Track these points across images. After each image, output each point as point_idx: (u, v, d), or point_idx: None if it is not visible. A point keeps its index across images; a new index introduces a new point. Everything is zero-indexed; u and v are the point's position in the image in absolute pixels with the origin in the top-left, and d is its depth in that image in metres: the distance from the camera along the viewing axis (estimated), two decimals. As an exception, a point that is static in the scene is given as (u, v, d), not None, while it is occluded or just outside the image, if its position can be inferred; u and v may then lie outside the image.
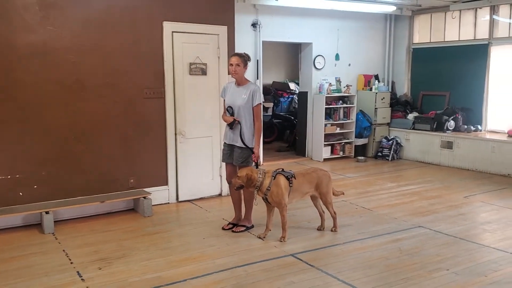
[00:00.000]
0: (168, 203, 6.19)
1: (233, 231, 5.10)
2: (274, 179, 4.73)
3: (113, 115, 5.72)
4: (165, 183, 6.16)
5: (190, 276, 3.96)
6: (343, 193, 5.41)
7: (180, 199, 6.28)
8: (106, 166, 5.72)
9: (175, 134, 6.15)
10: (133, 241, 4.84)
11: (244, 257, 4.39)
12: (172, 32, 6.00)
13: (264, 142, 9.23)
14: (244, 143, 4.91)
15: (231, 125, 4.95)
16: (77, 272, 4.04)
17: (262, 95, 5.05)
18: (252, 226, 5.19)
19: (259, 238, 4.89)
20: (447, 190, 6.97)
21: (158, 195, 6.01)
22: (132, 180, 5.89)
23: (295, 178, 4.82)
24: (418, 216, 5.67)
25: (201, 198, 6.41)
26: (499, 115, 8.62)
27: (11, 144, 5.14)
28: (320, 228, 5.18)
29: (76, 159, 5.52)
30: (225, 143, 5.13)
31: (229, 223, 5.23)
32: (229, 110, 4.99)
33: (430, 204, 6.19)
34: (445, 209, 5.96)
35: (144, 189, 5.91)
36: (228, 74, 5.15)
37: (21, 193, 5.21)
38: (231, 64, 4.92)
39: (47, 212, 5.04)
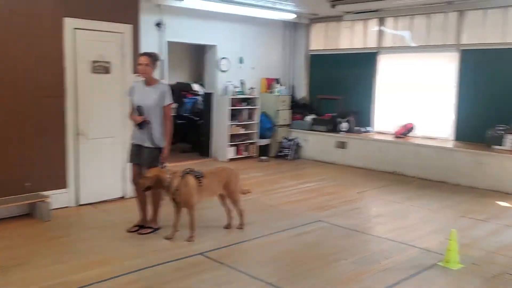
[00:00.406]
0: (68, 207, 5.89)
1: (139, 233, 5.03)
2: (183, 179, 4.76)
3: (9, 114, 5.33)
4: (64, 186, 5.87)
5: (98, 280, 3.85)
6: (250, 192, 5.60)
7: (81, 203, 6.02)
8: (-1, 169, 5.32)
9: (77, 134, 5.90)
10: (31, 247, 4.57)
11: (152, 258, 4.37)
12: (74, 28, 5.75)
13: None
14: (154, 143, 4.88)
15: (140, 125, 4.88)
16: (-30, 283, 3.74)
17: (171, 96, 5.05)
18: (159, 228, 5.15)
19: (167, 239, 4.87)
20: (342, 186, 7.50)
21: (57, 198, 5.70)
22: (28, 184, 5.52)
23: (204, 178, 4.89)
24: (318, 211, 6.05)
25: (103, 201, 6.19)
26: (386, 118, 9.44)
27: None
28: (227, 227, 5.31)
29: (-37, 161, 5.06)
30: (133, 143, 5.05)
31: (135, 226, 5.15)
32: (139, 110, 4.91)
33: (328, 200, 6.63)
34: (341, 204, 6.42)
35: (41, 192, 5.57)
36: (135, 73, 5.07)
37: None
38: (140, 64, 4.85)
39: None
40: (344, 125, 9.39)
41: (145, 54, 4.94)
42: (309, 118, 10.05)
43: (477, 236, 5.15)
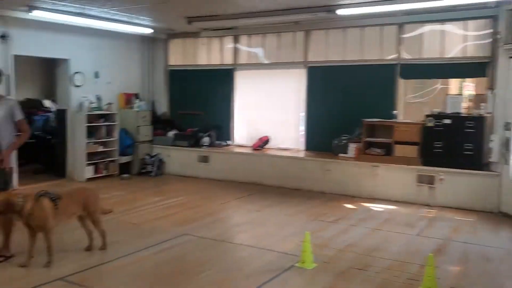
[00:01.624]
0: None
1: None
2: (37, 202, 4.49)
3: None
4: None
5: None
6: (112, 211, 5.47)
7: None
8: None
9: None
10: None
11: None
12: None
13: (18, 165, 8.42)
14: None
15: None
16: None
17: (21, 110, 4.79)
18: (12, 256, 4.77)
19: (22, 266, 4.53)
20: (206, 200, 7.70)
21: None
22: None
23: (60, 199, 4.67)
24: (183, 225, 6.15)
25: None
26: (244, 131, 9.93)
27: None
28: (89, 248, 5.11)
29: None
30: None
31: None
32: None
33: (192, 214, 6.76)
34: (205, 216, 6.61)
35: None
36: None
37: None
38: None
39: None
40: (205, 140, 9.65)
41: None
42: (171, 133, 10.11)
43: (328, 237, 5.72)
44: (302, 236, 4.85)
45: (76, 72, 9.08)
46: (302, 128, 9.19)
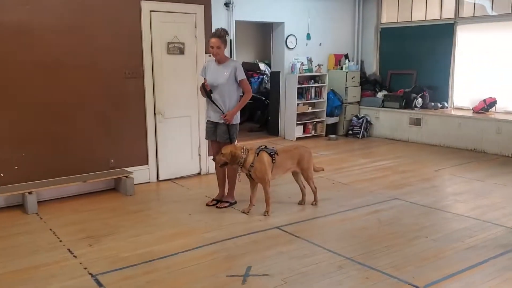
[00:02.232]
0: (149, 182, 6.20)
1: (217, 207, 5.19)
2: (257, 156, 4.83)
3: (93, 95, 5.65)
4: (146, 162, 6.16)
5: (181, 250, 4.03)
6: (323, 169, 5.58)
7: (160, 178, 6.30)
8: (87, 146, 5.66)
9: (154, 114, 6.14)
10: (118, 219, 4.85)
11: (231, 231, 4.50)
12: (150, 11, 5.94)
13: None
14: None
15: (208, 95, 4.98)
16: (68, 249, 4.04)
17: (243, 72, 5.08)
18: (235, 202, 5.29)
19: (243, 213, 5.00)
20: (418, 164, 7.27)
21: (139, 174, 6.00)
22: (112, 160, 5.85)
23: (277, 155, 4.93)
24: (393, 189, 5.92)
25: (181, 177, 6.44)
26: (464, 93, 8.98)
27: (-10, 124, 5.03)
28: (301, 203, 5.34)
29: (56, 139, 5.44)
30: (208, 120, 5.19)
31: (213, 200, 5.32)
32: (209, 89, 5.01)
33: (403, 178, 6.46)
34: (418, 182, 6.24)
35: (125, 168, 5.89)
36: (206, 53, 5.15)
37: (1, 174, 5.11)
38: (212, 47, 4.89)
39: (30, 193, 4.97)
40: (418, 101, 9.05)
41: (216, 35, 4.91)
42: (380, 94, 9.78)
43: None
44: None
45: (290, 35, 9.41)
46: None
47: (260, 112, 11.43)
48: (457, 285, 3.42)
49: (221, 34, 4.93)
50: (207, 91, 4.98)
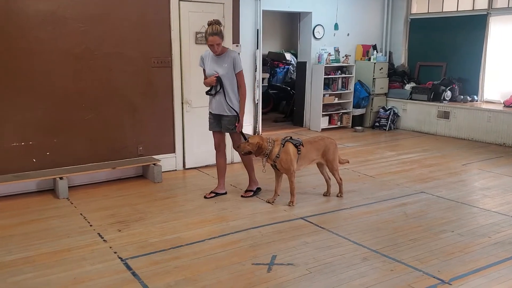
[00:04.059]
0: (176, 170, 6.30)
1: (242, 196, 5.23)
2: (283, 146, 4.86)
3: (122, 83, 5.75)
4: (173, 150, 6.26)
5: (208, 237, 4.11)
6: (348, 161, 5.57)
7: (187, 166, 6.39)
8: (115, 134, 5.79)
9: (182, 103, 6.21)
10: (146, 205, 4.96)
11: (256, 220, 4.56)
12: (179, 0, 5.99)
13: (262, 113, 9.33)
14: (231, 111, 4.95)
15: (214, 89, 4.93)
16: (98, 233, 4.17)
17: (241, 62, 4.97)
18: (260, 189, 5.32)
19: (268, 202, 5.04)
20: (445, 158, 7.17)
21: (166, 162, 6.11)
22: (140, 148, 5.97)
23: (303, 146, 4.95)
24: (420, 182, 5.87)
25: (206, 166, 6.52)
26: (495, 86, 8.78)
27: (24, 111, 5.19)
28: (326, 194, 5.35)
29: (86, 127, 5.57)
30: (210, 112, 5.11)
31: (212, 192, 5.25)
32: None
33: (430, 172, 6.39)
34: (445, 176, 6.16)
35: (152, 156, 6.01)
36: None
37: (34, 160, 5.28)
38: (212, 45, 4.75)
39: (61, 178, 5.13)
40: (447, 94, 8.89)
41: (213, 34, 4.69)
42: (408, 86, 9.64)
43: None
44: None
45: (317, 25, 9.35)
46: None
47: (285, 102, 11.44)
48: (483, 280, 3.39)
49: (218, 30, 4.72)
50: (211, 89, 4.94)
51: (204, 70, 5.07)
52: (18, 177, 5.07)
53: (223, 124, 5.05)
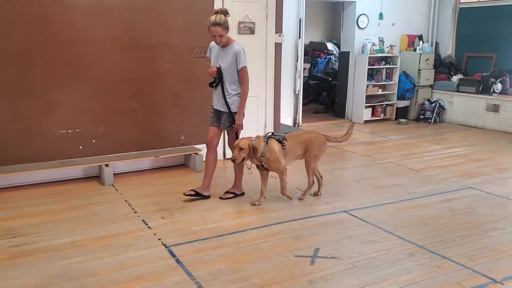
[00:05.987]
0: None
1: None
2: (266, 144, 4.55)
3: (165, 73, 5.81)
4: (214, 140, 6.27)
5: (250, 227, 4.11)
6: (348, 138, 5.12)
7: (226, 157, 6.40)
8: (158, 123, 5.86)
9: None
10: (188, 194, 5.00)
11: (297, 212, 4.52)
12: (222, -10, 5.98)
13: (302, 104, 9.24)
14: (229, 108, 4.66)
15: (216, 81, 4.70)
16: (142, 220, 4.24)
17: (246, 57, 4.63)
18: (243, 193, 4.99)
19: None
20: (494, 153, 6.89)
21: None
22: (183, 137, 6.03)
23: (286, 140, 4.65)
24: (467, 177, 5.66)
25: (247, 156, 6.50)
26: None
27: (71, 99, 5.32)
28: (317, 193, 5.00)
29: (130, 115, 5.67)
30: (212, 107, 4.89)
31: (191, 190, 4.81)
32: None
33: (478, 167, 6.15)
34: (494, 172, 5.92)
35: (194, 145, 6.05)
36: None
37: (81, 147, 5.42)
38: (214, 36, 4.48)
39: (106, 165, 5.24)
40: (497, 86, 8.52)
41: (216, 24, 4.42)
42: (455, 78, 9.30)
43: None
44: None
45: (361, 14, 9.14)
46: None
47: (326, 93, 11.27)
48: (539, 282, 3.24)
49: (222, 21, 4.43)
50: (212, 82, 4.72)
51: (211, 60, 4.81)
52: (65, 163, 5.22)
53: (221, 120, 4.78)
